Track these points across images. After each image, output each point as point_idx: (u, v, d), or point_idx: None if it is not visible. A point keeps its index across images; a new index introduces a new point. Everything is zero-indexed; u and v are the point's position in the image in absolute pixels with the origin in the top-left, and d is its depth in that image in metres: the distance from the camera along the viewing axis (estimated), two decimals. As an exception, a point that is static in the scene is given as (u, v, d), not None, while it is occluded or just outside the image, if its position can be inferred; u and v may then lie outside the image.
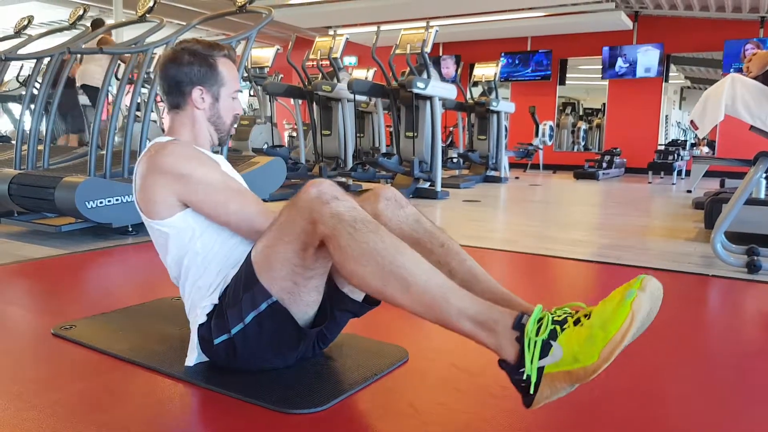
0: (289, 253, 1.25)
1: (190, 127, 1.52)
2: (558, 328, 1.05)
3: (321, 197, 1.19)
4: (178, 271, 1.48)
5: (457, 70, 9.31)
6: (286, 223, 1.25)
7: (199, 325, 1.41)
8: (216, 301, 1.40)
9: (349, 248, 1.13)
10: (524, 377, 1.04)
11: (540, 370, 1.03)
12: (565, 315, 1.07)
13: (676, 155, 8.56)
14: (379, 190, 1.42)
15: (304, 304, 1.33)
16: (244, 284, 1.32)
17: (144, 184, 1.42)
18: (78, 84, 6.31)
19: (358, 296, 1.42)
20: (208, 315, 1.40)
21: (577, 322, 1.04)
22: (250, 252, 1.34)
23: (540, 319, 1.07)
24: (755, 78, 2.61)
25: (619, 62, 10.21)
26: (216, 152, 1.64)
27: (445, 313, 1.09)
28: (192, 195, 1.39)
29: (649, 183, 8.34)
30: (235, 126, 1.60)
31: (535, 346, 1.04)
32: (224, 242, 1.44)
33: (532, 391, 1.05)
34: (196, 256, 1.43)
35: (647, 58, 9.98)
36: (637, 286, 1.02)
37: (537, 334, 1.04)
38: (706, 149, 9.78)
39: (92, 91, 6.14)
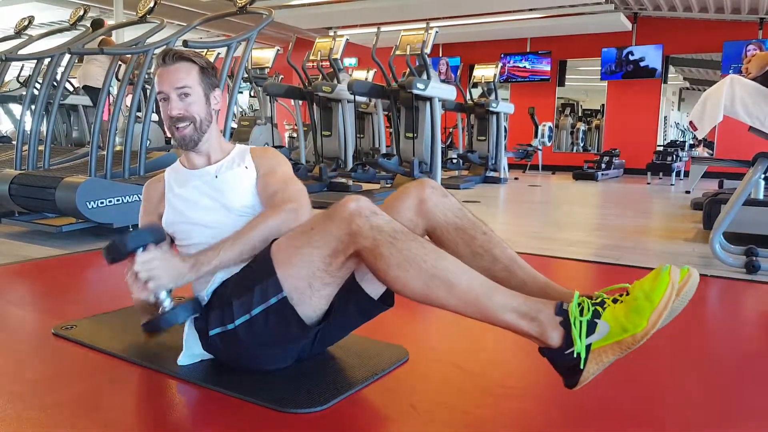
0: (315, 256, 1.27)
1: None
2: (599, 308, 1.14)
3: (360, 212, 1.23)
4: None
5: (456, 73, 9.30)
6: (318, 230, 1.28)
7: (194, 318, 1.42)
8: (206, 297, 1.41)
9: (392, 256, 1.19)
10: (574, 355, 1.13)
11: (587, 347, 1.13)
12: (602, 298, 1.17)
13: (674, 156, 8.56)
14: (424, 179, 1.47)
15: (311, 309, 1.33)
16: (258, 276, 1.33)
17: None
18: (79, 85, 6.32)
19: (374, 293, 1.42)
20: (204, 307, 1.41)
21: (615, 301, 1.15)
22: (270, 246, 1.35)
23: (580, 303, 1.16)
24: (754, 79, 2.62)
25: (620, 63, 10.21)
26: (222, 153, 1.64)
27: (489, 309, 1.17)
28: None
29: (648, 184, 8.35)
30: (178, 127, 1.49)
31: (581, 326, 1.13)
32: (201, 245, 1.46)
33: (582, 367, 1.13)
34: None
35: (647, 59, 9.98)
36: (673, 268, 1.13)
37: (581, 315, 1.14)
38: (702, 150, 9.78)
39: (93, 92, 6.14)
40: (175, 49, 1.52)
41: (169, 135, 1.55)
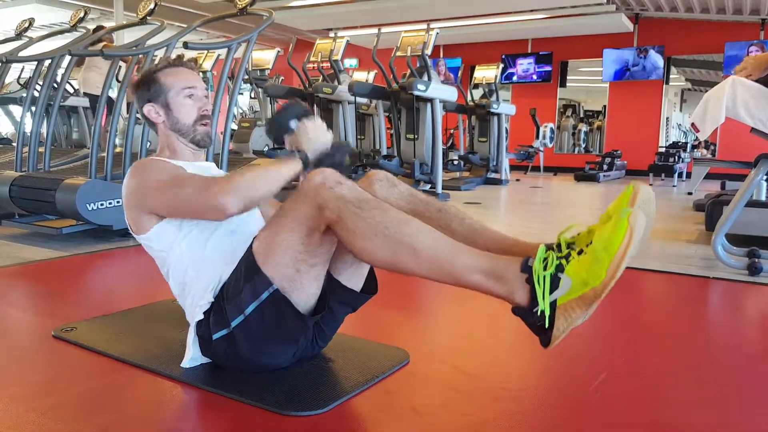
0: (293, 239, 1.28)
1: (165, 144, 1.59)
2: (563, 261, 1.11)
3: (325, 183, 1.24)
4: (172, 277, 1.49)
5: (457, 74, 9.30)
6: (290, 211, 1.29)
7: (197, 322, 1.42)
8: (212, 299, 1.41)
9: (357, 227, 1.18)
10: (538, 314, 1.09)
11: (553, 304, 1.09)
12: (569, 251, 1.13)
13: (676, 157, 8.55)
14: (371, 175, 1.47)
15: (305, 294, 1.33)
16: (245, 276, 1.33)
17: (124, 203, 1.50)
18: (81, 91, 6.33)
19: (355, 286, 1.43)
20: (205, 313, 1.41)
21: (580, 253, 1.11)
22: (251, 244, 1.35)
23: (545, 258, 1.12)
24: (756, 80, 2.61)
25: (621, 64, 10.21)
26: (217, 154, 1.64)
27: (455, 272, 1.15)
28: (150, 203, 1.44)
29: (650, 185, 8.32)
30: (204, 125, 1.56)
31: (544, 281, 1.09)
32: (209, 241, 1.45)
33: (548, 326, 1.09)
34: (184, 261, 1.45)
35: (648, 60, 9.98)
36: (626, 201, 1.11)
37: (545, 270, 1.10)
38: (705, 152, 9.78)
39: (94, 99, 6.15)
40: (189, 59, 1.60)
41: (186, 137, 1.56)
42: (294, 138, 1.47)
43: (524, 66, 11.15)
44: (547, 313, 1.09)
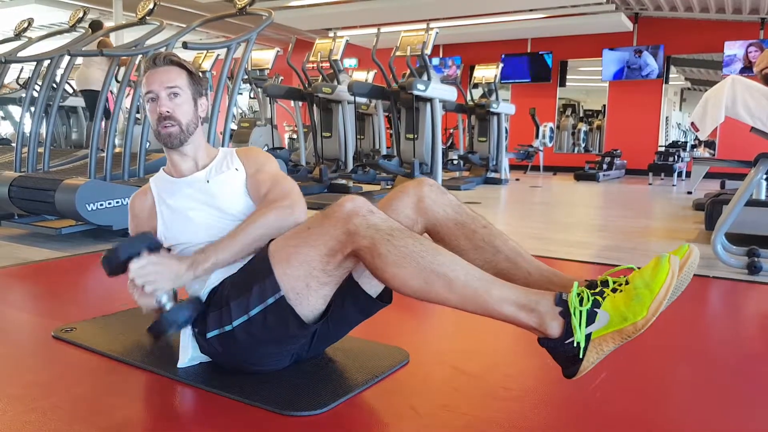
0: (313, 255, 1.27)
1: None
2: (599, 298, 1.15)
3: (358, 211, 1.24)
4: None
5: (457, 73, 9.30)
6: (316, 229, 1.28)
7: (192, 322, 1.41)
8: (204, 299, 1.41)
9: (389, 254, 1.19)
10: (574, 345, 1.14)
11: (587, 336, 1.14)
12: (602, 287, 1.17)
13: (676, 157, 8.56)
14: (422, 178, 1.48)
15: (308, 309, 1.33)
16: (256, 276, 1.33)
17: None
18: (78, 89, 6.32)
19: (372, 291, 1.43)
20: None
21: (615, 291, 1.15)
22: (267, 246, 1.34)
23: (579, 294, 1.16)
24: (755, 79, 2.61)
25: (620, 64, 10.21)
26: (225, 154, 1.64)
27: (488, 303, 1.18)
28: None
29: (650, 184, 8.34)
30: (165, 126, 1.47)
31: (581, 316, 1.14)
32: (186, 245, 1.47)
33: (581, 356, 1.14)
34: None
35: (647, 59, 9.98)
36: (682, 253, 1.17)
37: (581, 305, 1.14)
38: (704, 151, 9.78)
39: (92, 96, 6.14)
40: (166, 53, 1.52)
41: (157, 136, 1.52)
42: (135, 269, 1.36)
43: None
44: (583, 344, 1.14)
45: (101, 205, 3.12)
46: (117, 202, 3.17)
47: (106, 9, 8.96)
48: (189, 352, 1.44)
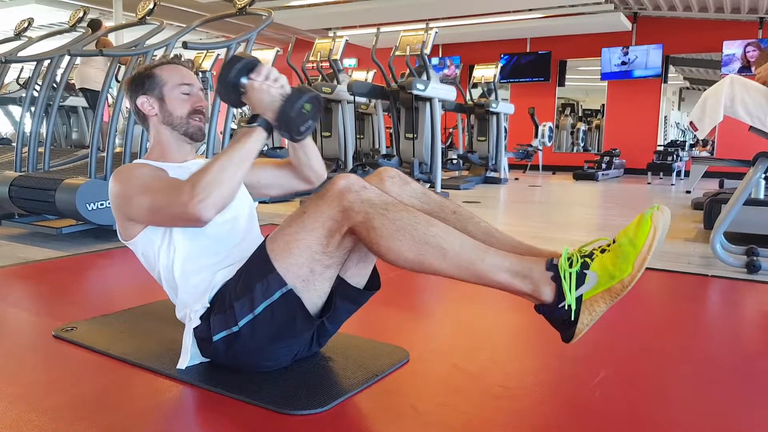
0: (312, 239, 1.29)
1: (157, 142, 1.57)
2: (588, 259, 1.18)
3: (350, 187, 1.25)
4: (164, 281, 1.49)
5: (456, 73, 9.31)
6: (311, 212, 1.29)
7: (194, 328, 1.41)
8: (207, 304, 1.40)
9: (384, 227, 1.21)
10: (565, 308, 1.16)
11: (579, 298, 1.16)
12: (591, 249, 1.20)
13: (675, 156, 8.57)
14: (382, 171, 1.46)
15: (316, 294, 1.34)
16: (257, 275, 1.33)
17: (112, 210, 1.49)
18: (77, 87, 6.31)
19: (358, 283, 1.43)
20: (201, 317, 1.40)
21: (603, 251, 1.18)
22: (264, 243, 1.35)
23: (569, 257, 1.18)
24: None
25: (619, 63, 10.21)
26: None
27: (482, 271, 1.19)
28: (130, 211, 1.42)
29: (649, 184, 8.35)
30: (197, 119, 1.54)
31: (571, 278, 1.16)
32: (196, 245, 1.44)
33: (573, 319, 1.16)
34: (171, 266, 1.44)
35: (646, 58, 9.98)
36: (653, 209, 1.19)
37: (570, 267, 1.16)
38: (701, 149, 9.78)
39: (91, 95, 6.13)
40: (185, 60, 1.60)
41: (179, 131, 1.53)
42: (247, 97, 1.39)
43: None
44: (574, 307, 1.15)
45: (101, 204, 3.13)
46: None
47: (106, 9, 8.96)
48: (190, 355, 1.44)
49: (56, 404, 1.29)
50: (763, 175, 3.02)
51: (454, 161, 7.65)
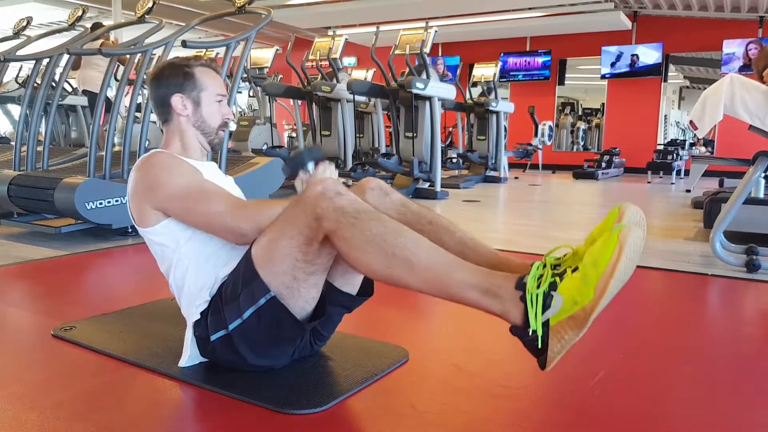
0: (292, 247, 1.27)
1: (178, 138, 1.56)
2: (557, 279, 1.06)
3: (325, 193, 1.23)
4: (172, 275, 1.49)
5: (456, 72, 9.31)
6: (290, 219, 1.28)
7: (194, 322, 1.42)
8: (209, 298, 1.41)
9: (354, 238, 1.18)
10: (530, 333, 1.05)
11: (546, 324, 1.05)
12: (564, 268, 1.09)
13: (675, 155, 8.57)
14: (364, 183, 1.46)
15: (303, 300, 1.33)
16: (243, 280, 1.33)
17: (131, 194, 1.48)
18: (79, 89, 6.32)
19: (350, 289, 1.44)
20: (202, 313, 1.41)
21: (575, 270, 1.06)
22: (250, 248, 1.35)
23: (540, 276, 1.08)
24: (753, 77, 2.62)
25: (619, 62, 10.21)
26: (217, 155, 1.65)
27: (450, 287, 1.12)
28: (163, 203, 1.42)
29: (649, 183, 8.35)
30: (224, 131, 1.61)
31: (536, 300, 1.05)
32: (210, 242, 1.45)
33: (540, 346, 1.05)
34: (186, 259, 1.45)
35: (646, 57, 9.98)
36: (614, 217, 1.08)
37: (538, 288, 1.06)
38: (703, 149, 9.78)
39: (93, 97, 6.14)
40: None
41: (206, 138, 1.58)
42: (307, 178, 1.47)
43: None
44: (540, 333, 1.04)
45: (100, 203, 3.12)
46: (116, 201, 3.17)
47: (105, 8, 8.95)
48: (189, 353, 1.45)
49: (55, 403, 1.28)
50: (763, 174, 3.02)
51: (454, 160, 7.65)
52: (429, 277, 1.13)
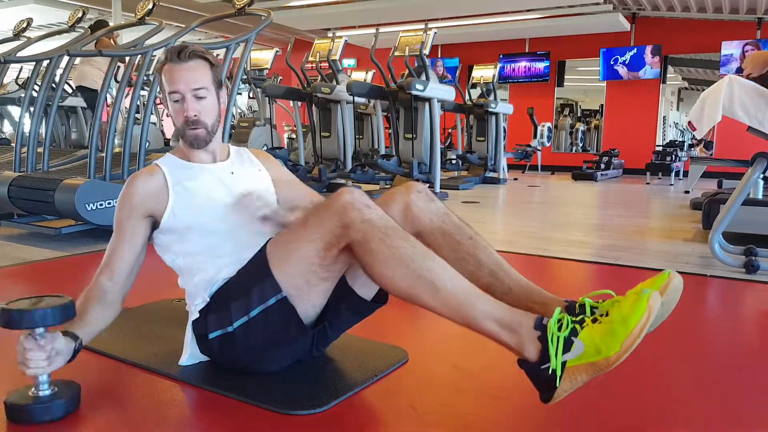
0: (310, 250, 1.28)
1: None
2: (578, 326, 1.14)
3: (354, 204, 1.24)
4: (179, 275, 1.51)
5: (455, 73, 9.32)
6: (313, 223, 1.29)
7: (194, 321, 1.42)
8: (207, 299, 1.41)
9: (380, 252, 1.19)
10: (549, 372, 1.13)
11: (563, 364, 1.12)
12: (583, 316, 1.17)
13: (673, 156, 8.57)
14: (411, 183, 1.47)
15: (310, 305, 1.34)
16: (255, 277, 1.33)
17: None
18: (74, 85, 6.30)
19: (367, 295, 1.43)
20: (200, 312, 1.41)
21: (595, 321, 1.15)
22: (265, 246, 1.35)
23: (560, 320, 1.16)
24: (753, 79, 2.62)
25: (617, 63, 10.22)
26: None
27: (470, 315, 1.18)
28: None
29: (647, 184, 8.35)
30: (195, 129, 1.45)
31: (558, 342, 1.13)
32: (210, 244, 1.44)
33: (557, 384, 1.13)
34: (184, 260, 1.47)
35: (645, 59, 10.00)
36: (658, 284, 1.19)
37: (559, 331, 1.14)
38: (700, 149, 9.79)
39: (89, 93, 6.13)
40: (190, 47, 1.45)
41: (175, 133, 1.50)
42: (32, 346, 1.30)
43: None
44: (559, 372, 1.13)
45: (101, 204, 3.12)
46: (116, 202, 3.17)
47: (105, 9, 8.95)
48: (189, 350, 1.45)
49: (56, 404, 1.28)
50: (762, 175, 3.02)
51: (453, 161, 7.65)
52: (451, 302, 1.18)
